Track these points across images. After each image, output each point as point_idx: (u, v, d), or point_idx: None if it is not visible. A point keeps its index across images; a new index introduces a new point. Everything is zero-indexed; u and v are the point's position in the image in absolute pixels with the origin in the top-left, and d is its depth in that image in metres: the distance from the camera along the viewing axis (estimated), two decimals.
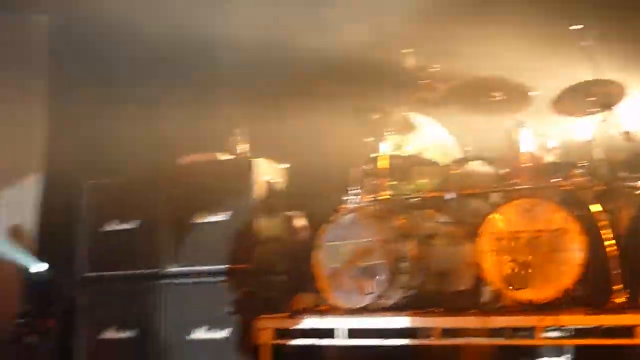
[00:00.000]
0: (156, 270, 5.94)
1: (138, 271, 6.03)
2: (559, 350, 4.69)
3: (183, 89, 6.44)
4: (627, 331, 4.20)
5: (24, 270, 6.85)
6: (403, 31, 5.84)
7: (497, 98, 5.14)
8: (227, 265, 5.68)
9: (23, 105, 7.21)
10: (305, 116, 6.07)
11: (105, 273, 6.17)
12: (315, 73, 6.18)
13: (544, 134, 5.12)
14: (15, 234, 7.05)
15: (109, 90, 6.61)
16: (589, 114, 4.96)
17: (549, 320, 4.37)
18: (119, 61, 6.60)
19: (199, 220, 5.87)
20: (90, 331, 6.09)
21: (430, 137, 5.60)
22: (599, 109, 4.90)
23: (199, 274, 5.79)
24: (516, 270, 4.59)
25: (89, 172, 6.48)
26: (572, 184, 4.82)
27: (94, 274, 6.20)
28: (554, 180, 4.87)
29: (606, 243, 4.49)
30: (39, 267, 6.81)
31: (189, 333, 5.71)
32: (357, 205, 5.28)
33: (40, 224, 7.08)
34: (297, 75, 6.21)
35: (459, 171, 5.20)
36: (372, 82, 5.80)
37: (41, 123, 7.23)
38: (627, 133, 4.86)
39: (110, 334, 6.01)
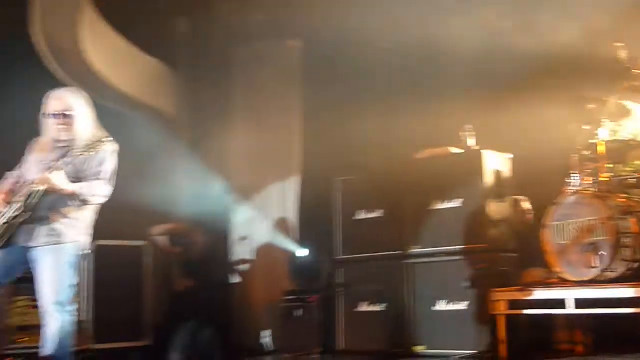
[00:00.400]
0: (401, 252, 6.36)
1: (385, 253, 6.45)
2: None
3: (417, 92, 6.64)
4: None
5: (291, 255, 7.37)
6: (614, 26, 5.81)
7: None
8: (463, 246, 6.01)
9: (283, 117, 7.84)
10: (526, 109, 6.17)
11: (357, 255, 6.67)
12: (534, 69, 6.24)
13: None
14: (282, 225, 7.66)
15: (353, 99, 6.99)
16: None
17: None
18: (359, 73, 6.94)
19: (436, 207, 6.22)
20: (347, 305, 6.64)
21: None
22: None
23: (439, 254, 6.15)
24: None
25: (339, 170, 6.96)
26: None
27: (348, 256, 6.75)
28: None
29: None
30: (302, 252, 7.27)
31: (432, 306, 6.10)
32: (578, 187, 5.47)
33: (301, 216, 7.63)
34: (517, 72, 6.25)
35: None
36: (587, 74, 5.85)
37: (298, 131, 7.77)
38: None
39: (364, 307, 6.54)
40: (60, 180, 4.55)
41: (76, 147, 4.62)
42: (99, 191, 4.74)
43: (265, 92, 7.96)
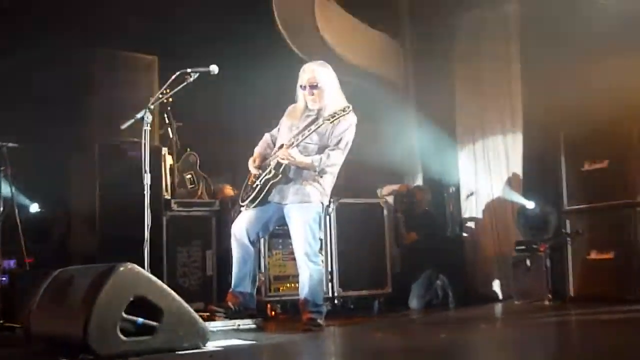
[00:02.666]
0: (629, 200, 6.08)
1: (613, 202, 6.21)
2: None
3: (636, 41, 6.36)
4: None
5: (518, 208, 7.22)
6: None
7: None
8: None
9: (503, 76, 7.65)
10: None
11: (584, 205, 6.48)
12: None
13: None
14: (508, 179, 7.54)
15: (570, 53, 6.66)
16: None
17: None
18: (575, 29, 6.59)
19: None
20: (576, 253, 6.48)
21: None
22: None
23: None
24: None
25: (562, 122, 6.70)
26: None
27: (575, 207, 6.56)
28: None
29: None
30: (529, 204, 7.06)
31: None
32: None
33: (525, 169, 7.41)
34: None
35: None
36: None
37: (517, 88, 7.54)
38: None
39: (594, 255, 6.34)
40: (297, 156, 4.81)
41: (322, 116, 4.82)
42: (334, 160, 4.94)
43: (484, 54, 7.85)
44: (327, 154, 4.90)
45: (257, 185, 5.02)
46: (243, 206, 5.11)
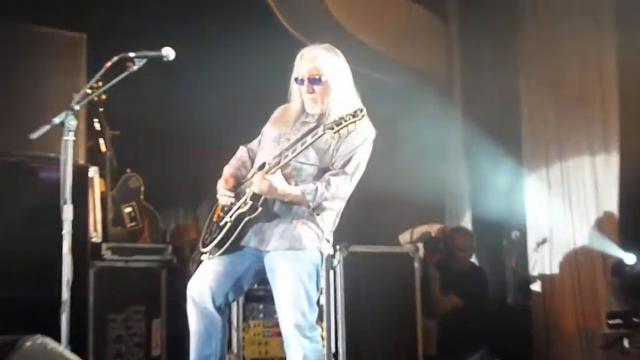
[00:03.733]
0: None
1: None
2: None
3: None
4: None
5: (613, 263, 7.26)
6: None
7: None
8: None
9: (592, 67, 7.70)
10: None
11: None
12: None
13: None
14: (597, 220, 7.57)
15: None
16: None
17: None
18: None
19: None
20: None
21: None
22: None
23: None
24: None
25: None
26: None
27: None
28: None
29: None
30: (628, 258, 7.14)
31: None
32: None
33: (623, 208, 7.44)
34: None
35: None
36: None
37: (613, 87, 7.55)
38: None
39: None
40: (280, 184, 4.70)
41: (324, 123, 4.70)
42: (338, 190, 4.82)
43: (563, 40, 7.90)
44: (326, 181, 4.78)
45: (226, 222, 4.93)
46: (205, 253, 5.02)
